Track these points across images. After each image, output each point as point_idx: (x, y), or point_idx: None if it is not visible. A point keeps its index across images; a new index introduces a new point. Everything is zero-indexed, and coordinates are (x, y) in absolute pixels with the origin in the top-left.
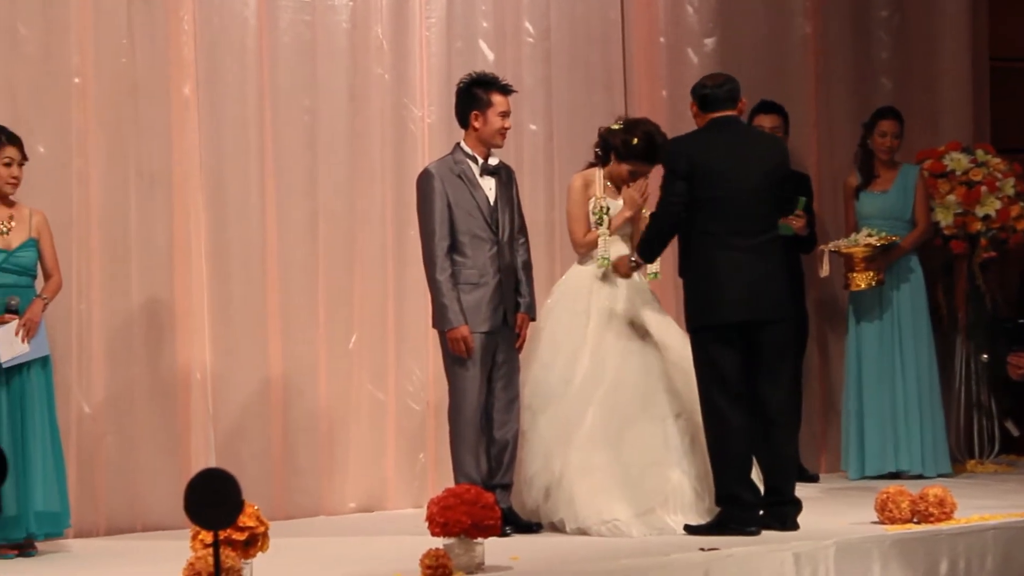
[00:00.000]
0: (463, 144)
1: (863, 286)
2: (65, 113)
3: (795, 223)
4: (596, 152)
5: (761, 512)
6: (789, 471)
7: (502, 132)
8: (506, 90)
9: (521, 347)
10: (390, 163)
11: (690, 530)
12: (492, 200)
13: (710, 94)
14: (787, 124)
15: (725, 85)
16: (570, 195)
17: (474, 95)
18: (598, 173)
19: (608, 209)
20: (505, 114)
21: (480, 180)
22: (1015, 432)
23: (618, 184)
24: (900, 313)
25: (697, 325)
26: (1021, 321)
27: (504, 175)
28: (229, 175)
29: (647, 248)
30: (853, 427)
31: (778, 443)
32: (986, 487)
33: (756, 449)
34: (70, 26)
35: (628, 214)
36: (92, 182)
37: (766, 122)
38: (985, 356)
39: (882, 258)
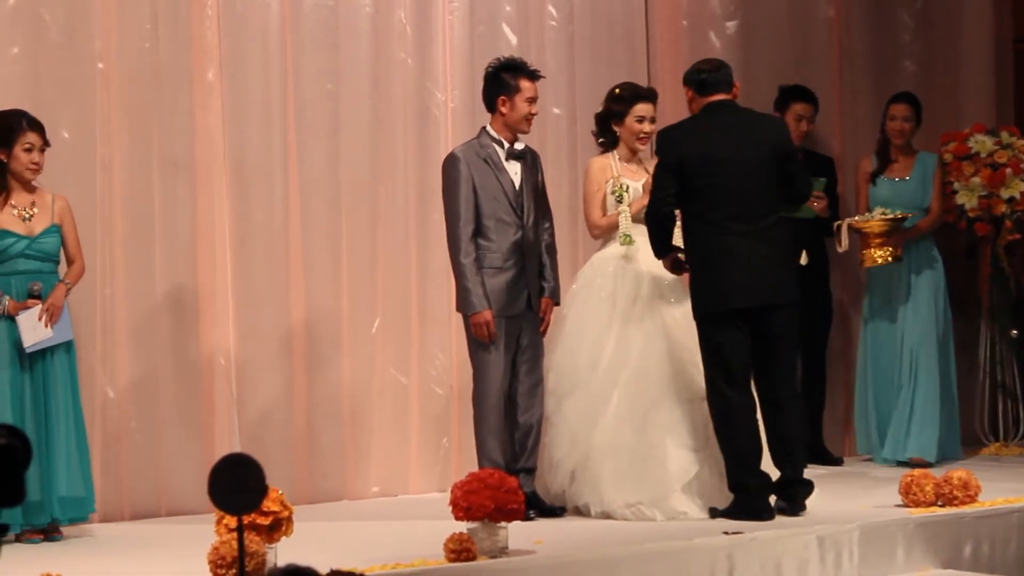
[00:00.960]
0: (489, 128)
1: (880, 262)
2: (89, 99)
3: (816, 205)
4: (600, 141)
5: (772, 496)
6: (797, 454)
7: (529, 118)
8: (534, 75)
9: (545, 331)
10: (413, 147)
11: (713, 513)
12: (517, 184)
13: (707, 79)
14: (816, 110)
15: (721, 70)
16: (587, 177)
17: (502, 80)
18: (612, 156)
19: (628, 187)
20: (532, 100)
21: (506, 164)
22: None
23: (633, 146)
24: (918, 300)
25: (702, 313)
26: None
27: (530, 159)
28: (252, 160)
29: (656, 246)
30: (868, 412)
31: (786, 426)
32: (1011, 470)
33: (766, 434)
34: (93, 12)
35: (647, 200)
36: (116, 167)
37: (801, 109)
38: (1015, 332)
39: (899, 235)
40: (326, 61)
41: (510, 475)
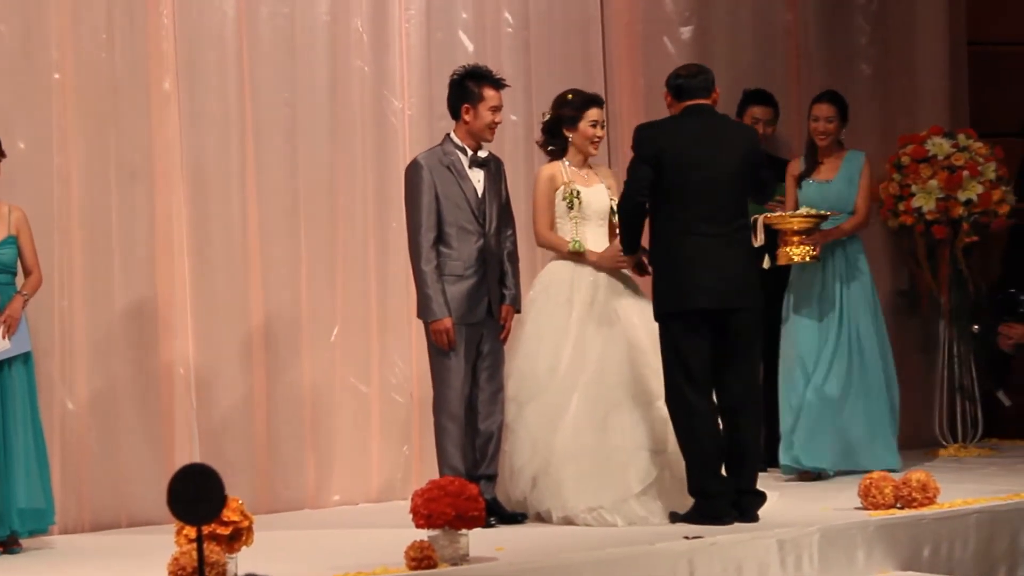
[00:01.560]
0: (453, 135)
1: (796, 260)
2: (45, 109)
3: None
4: (550, 150)
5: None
6: (750, 463)
7: (492, 127)
8: (498, 84)
9: (506, 339)
10: (371, 155)
11: (674, 518)
12: (480, 192)
13: (683, 84)
14: (776, 114)
15: (699, 75)
16: (536, 186)
17: (466, 88)
18: (562, 163)
19: (579, 193)
20: (496, 108)
21: (469, 172)
22: (1007, 402)
23: (588, 151)
24: (844, 304)
25: (664, 311)
26: (1012, 291)
27: (493, 167)
28: (210, 169)
29: (625, 240)
30: (794, 419)
31: (740, 432)
32: (969, 471)
33: (726, 437)
34: (49, 21)
35: (596, 259)
36: (73, 178)
37: (759, 113)
38: (976, 327)
39: (819, 234)
40: (283, 69)
41: (471, 482)
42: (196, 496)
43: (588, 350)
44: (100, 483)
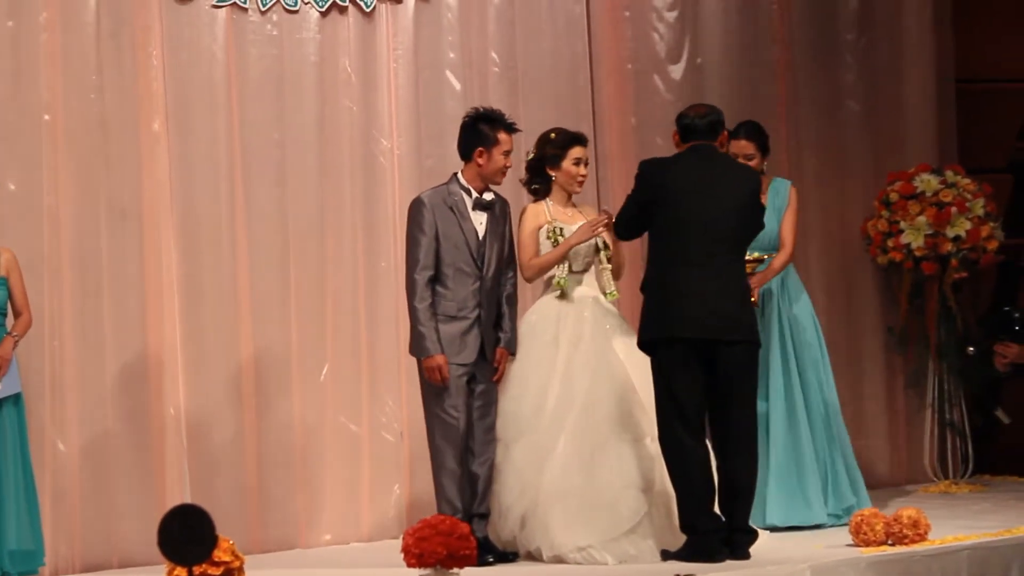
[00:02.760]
0: (460, 176)
1: None
2: (35, 150)
3: None
4: (533, 188)
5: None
6: (744, 498)
7: (503, 171)
8: (511, 128)
9: (499, 381)
10: (360, 194)
11: (665, 556)
12: (481, 235)
13: (690, 124)
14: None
15: (707, 116)
16: (521, 223)
17: (480, 132)
18: (546, 203)
19: (562, 231)
20: (508, 152)
21: (471, 214)
22: (1006, 420)
23: (572, 189)
24: (790, 343)
25: (648, 338)
26: (1006, 309)
27: (498, 209)
28: (200, 209)
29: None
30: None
31: (734, 470)
32: (960, 507)
33: (719, 474)
34: (39, 63)
35: (574, 241)
36: (63, 218)
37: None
38: (971, 348)
39: (754, 278)
40: (272, 110)
41: (465, 520)
42: (187, 537)
43: (575, 388)
44: (91, 524)
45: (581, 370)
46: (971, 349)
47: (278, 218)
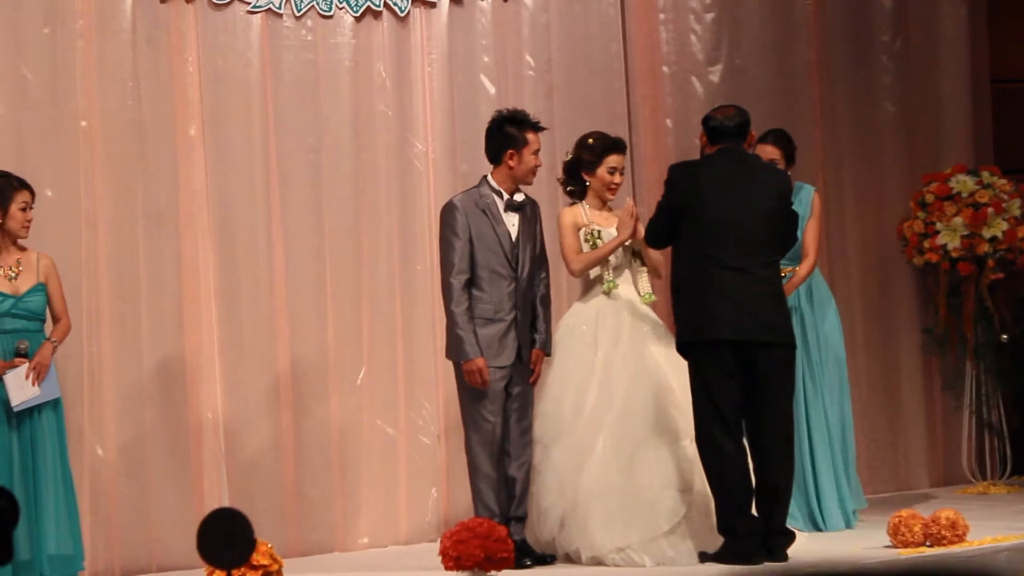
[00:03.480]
0: (490, 178)
1: None
2: (72, 156)
3: None
4: (569, 190)
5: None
6: (781, 500)
7: (534, 171)
8: (538, 127)
9: (535, 382)
10: (395, 198)
11: (703, 558)
12: (514, 236)
13: (718, 126)
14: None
15: (735, 118)
16: (560, 229)
17: (508, 134)
18: (582, 206)
19: (600, 233)
20: (537, 151)
21: (504, 215)
22: None
23: (604, 196)
24: (815, 360)
25: (685, 340)
26: None
27: (529, 211)
28: (236, 214)
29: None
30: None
31: (770, 471)
32: (998, 508)
33: (756, 476)
34: (76, 70)
35: (624, 237)
36: (100, 224)
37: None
38: (1004, 336)
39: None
40: (307, 115)
41: (502, 523)
42: (225, 541)
43: (614, 390)
44: (130, 528)
45: (619, 372)
46: (1005, 337)
47: (314, 222)
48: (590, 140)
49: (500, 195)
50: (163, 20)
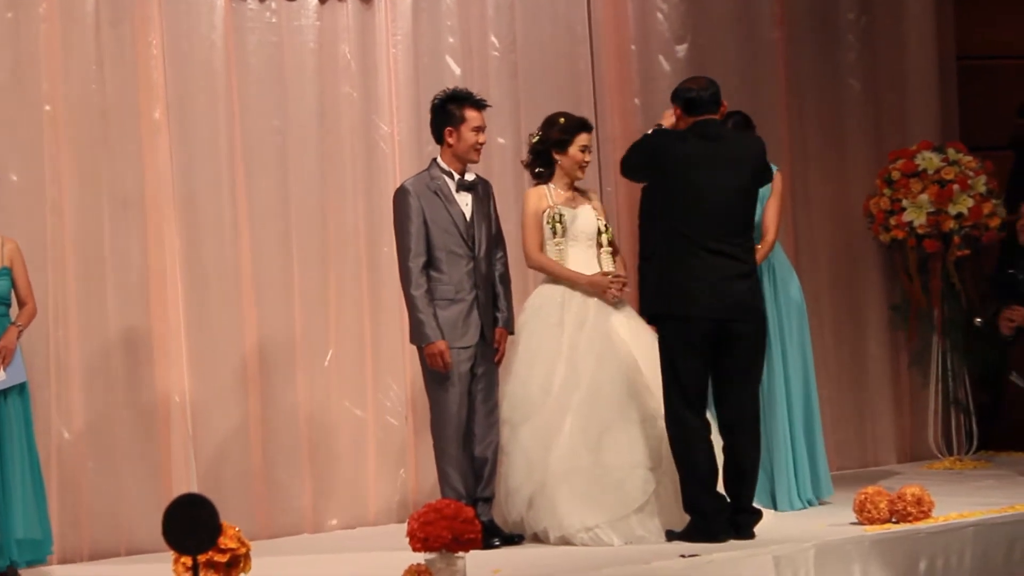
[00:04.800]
0: (439, 160)
1: None
2: (37, 140)
3: None
4: (537, 172)
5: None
6: (748, 478)
7: (476, 147)
8: (479, 104)
9: (500, 361)
10: (361, 180)
11: (670, 536)
12: (468, 216)
13: (696, 97)
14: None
15: (709, 89)
16: (525, 208)
17: (448, 111)
18: (548, 187)
19: (562, 216)
20: (479, 129)
21: (456, 196)
22: (1022, 384)
23: (575, 175)
24: (777, 331)
25: (656, 311)
26: (1011, 271)
27: (481, 190)
28: (201, 197)
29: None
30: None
31: (739, 450)
32: (964, 484)
33: (724, 454)
34: (39, 54)
35: (586, 285)
36: (65, 208)
37: None
38: (978, 320)
39: None
40: (272, 97)
41: (470, 504)
42: (191, 527)
43: (581, 370)
44: (98, 512)
45: (586, 352)
46: (978, 321)
47: (280, 204)
48: (561, 120)
49: (451, 176)
50: (126, 3)
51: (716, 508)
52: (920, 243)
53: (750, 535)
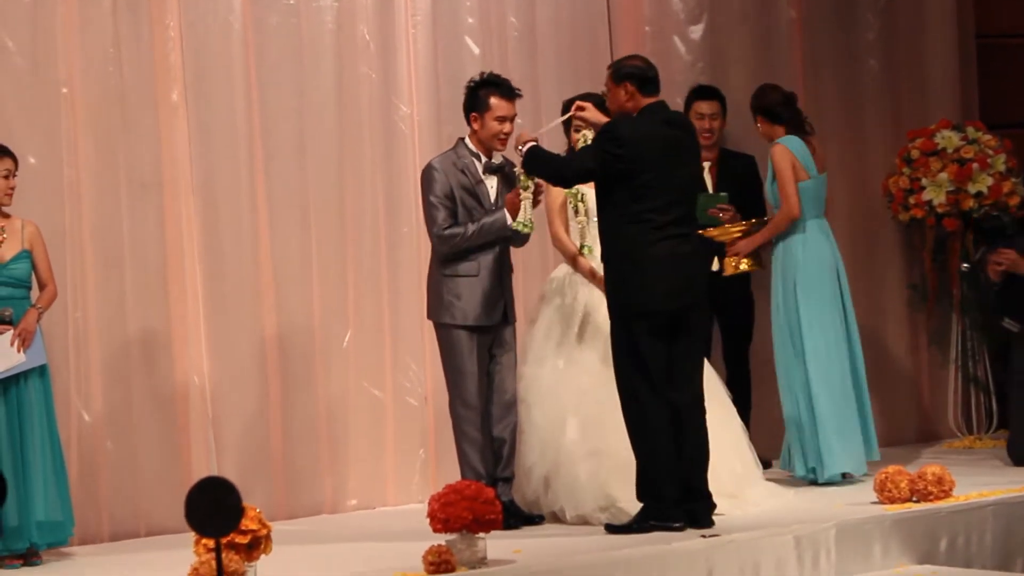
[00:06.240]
0: (467, 141)
1: (729, 271)
2: (54, 123)
3: (723, 216)
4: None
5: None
6: (700, 464)
7: (500, 137)
8: (509, 94)
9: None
10: (380, 161)
11: (610, 530)
12: (493, 197)
13: (649, 75)
14: (725, 109)
15: (654, 68)
16: (548, 190)
17: (476, 96)
18: None
19: (583, 196)
20: (503, 119)
21: (483, 177)
22: (1015, 329)
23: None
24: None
25: (629, 313)
26: (995, 215)
27: (507, 171)
28: (220, 179)
29: (533, 162)
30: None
31: (694, 434)
32: (984, 463)
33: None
34: (56, 36)
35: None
36: (83, 191)
37: (705, 108)
38: (965, 265)
39: (751, 240)
40: (290, 78)
41: (490, 485)
42: (213, 509)
43: (594, 351)
44: (118, 494)
45: (595, 334)
46: (965, 265)
47: (298, 186)
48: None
49: (478, 157)
50: None
51: (672, 495)
52: (939, 222)
53: (709, 523)
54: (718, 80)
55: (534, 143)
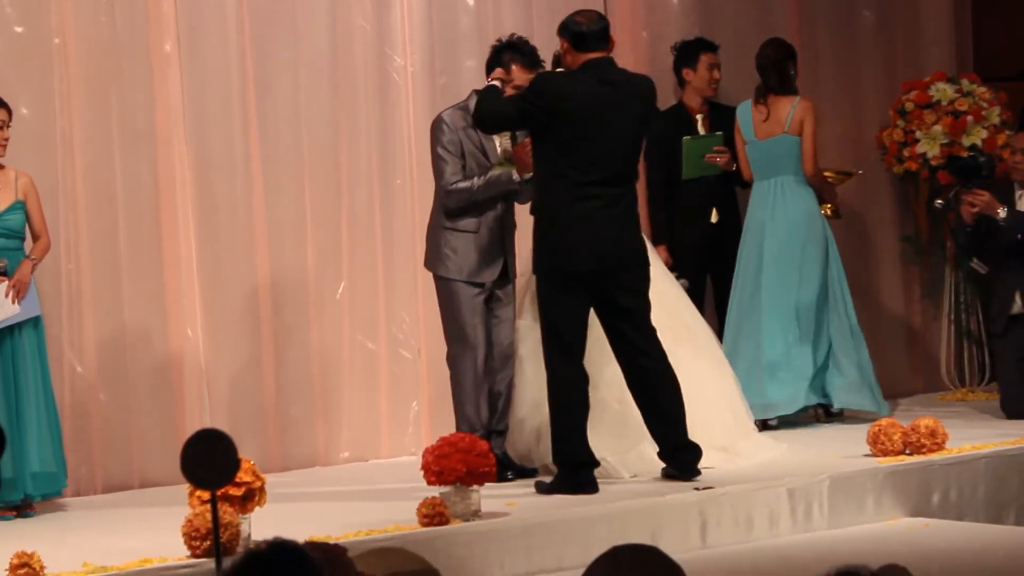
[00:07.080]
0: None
1: (827, 215)
2: (47, 74)
3: (720, 160)
4: None
5: (662, 464)
6: (675, 416)
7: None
8: (532, 64)
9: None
10: (375, 113)
11: (540, 488)
12: (500, 152)
13: (586, 32)
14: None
15: (599, 23)
16: None
17: (500, 59)
18: None
19: None
20: (519, 88)
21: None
22: (983, 271)
23: None
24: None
25: (544, 270)
26: (971, 154)
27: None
28: (213, 131)
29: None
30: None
31: (656, 390)
32: (977, 416)
33: (640, 402)
34: None
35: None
36: (76, 142)
37: (715, 59)
38: (939, 202)
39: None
40: (284, 30)
41: (484, 437)
42: (209, 462)
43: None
44: (111, 445)
45: None
46: (939, 202)
47: (292, 137)
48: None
49: None
50: None
51: (588, 460)
52: (933, 175)
53: (694, 472)
54: (713, 33)
55: (497, 82)
